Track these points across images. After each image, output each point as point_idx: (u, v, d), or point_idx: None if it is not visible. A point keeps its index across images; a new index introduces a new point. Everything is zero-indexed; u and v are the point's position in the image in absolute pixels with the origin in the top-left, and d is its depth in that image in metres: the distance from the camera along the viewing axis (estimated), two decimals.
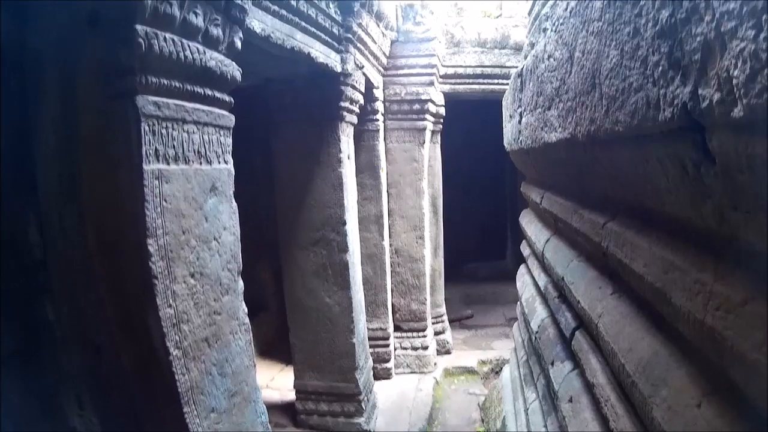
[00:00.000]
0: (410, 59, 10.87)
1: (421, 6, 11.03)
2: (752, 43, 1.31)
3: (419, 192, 11.33)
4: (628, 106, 2.27)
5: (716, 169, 1.72)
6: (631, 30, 2.19)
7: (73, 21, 3.33)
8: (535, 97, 4.52)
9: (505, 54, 11.99)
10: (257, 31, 4.89)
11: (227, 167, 4.18)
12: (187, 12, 3.56)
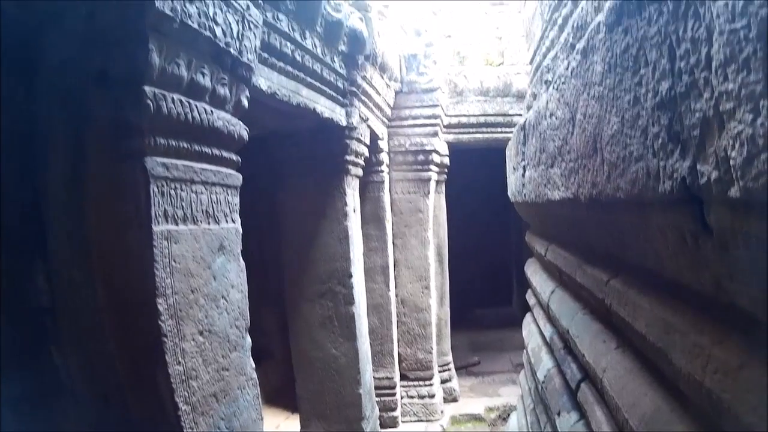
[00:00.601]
0: (414, 110, 10.97)
1: (424, 56, 11.14)
2: (750, 127, 1.35)
3: (424, 242, 11.38)
4: (629, 174, 2.31)
5: (714, 241, 1.77)
6: (631, 98, 2.23)
7: (81, 79, 3.39)
8: (538, 153, 4.56)
9: (507, 102, 12.09)
10: (263, 88, 4.96)
11: (235, 226, 4.23)
12: (195, 72, 3.63)
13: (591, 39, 2.82)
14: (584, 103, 3.01)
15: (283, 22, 5.22)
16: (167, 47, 3.38)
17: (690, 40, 1.64)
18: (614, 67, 2.43)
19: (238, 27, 4.02)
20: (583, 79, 3.00)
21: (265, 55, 4.99)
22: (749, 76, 1.33)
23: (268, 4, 4.80)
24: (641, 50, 2.07)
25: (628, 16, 2.22)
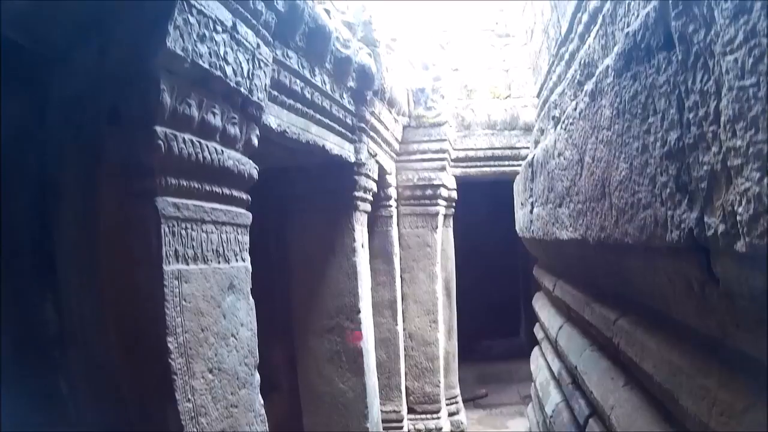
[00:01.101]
0: (422, 144, 11.01)
1: (432, 90, 11.19)
2: (757, 185, 1.37)
3: (432, 277, 11.36)
4: (637, 221, 2.33)
5: (720, 290, 1.79)
6: (639, 146, 2.25)
7: (93, 116, 3.44)
8: (546, 192, 4.57)
9: (515, 135, 12.13)
10: (273, 126, 4.99)
11: (245, 265, 4.25)
12: (206, 112, 3.66)
13: (599, 82, 2.85)
14: (593, 147, 3.03)
15: (292, 59, 5.26)
16: (178, 87, 3.41)
17: (699, 92, 1.66)
18: (623, 112, 2.46)
19: (249, 66, 4.05)
20: (592, 122, 3.02)
21: (275, 93, 5.02)
22: (757, 135, 1.35)
23: (278, 41, 4.84)
24: (650, 98, 2.09)
25: (636, 63, 2.24)
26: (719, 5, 1.49)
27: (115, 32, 3.37)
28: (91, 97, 3.45)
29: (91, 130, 3.46)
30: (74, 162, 3.54)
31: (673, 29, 1.81)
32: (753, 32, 1.33)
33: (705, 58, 1.61)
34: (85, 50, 3.46)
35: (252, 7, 4.07)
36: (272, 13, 4.41)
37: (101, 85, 3.41)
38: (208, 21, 3.55)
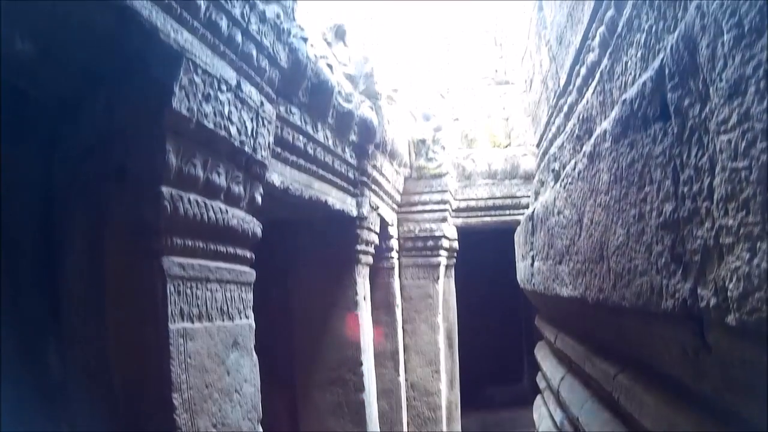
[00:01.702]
0: (423, 195, 11.09)
1: (432, 141, 11.27)
2: (747, 266, 1.42)
3: (434, 327, 11.38)
4: (633, 287, 2.37)
5: (713, 358, 1.83)
6: (636, 214, 2.30)
7: (100, 173, 3.51)
8: (547, 248, 4.61)
9: (515, 184, 12.19)
10: (276, 184, 5.05)
11: (248, 322, 4.29)
12: (210, 172, 3.72)
13: (597, 145, 2.90)
14: (591, 209, 3.07)
15: (295, 115, 5.33)
16: (184, 147, 3.47)
17: (693, 167, 1.71)
18: (620, 179, 2.50)
19: (253, 124, 4.12)
20: (590, 184, 3.07)
21: (278, 150, 5.08)
22: (748, 217, 1.40)
23: (281, 97, 4.90)
24: (646, 167, 2.14)
25: (633, 131, 2.30)
26: (714, 83, 1.53)
27: (123, 88, 3.44)
28: (98, 152, 3.53)
29: (97, 186, 3.54)
30: (81, 216, 3.61)
31: (669, 101, 1.86)
32: (746, 115, 1.37)
33: (700, 133, 1.65)
34: (93, 104, 3.54)
35: (256, 65, 4.14)
36: (276, 69, 4.48)
37: (108, 142, 3.50)
38: (212, 80, 3.62)
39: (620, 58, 3.31)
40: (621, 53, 3.29)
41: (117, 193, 3.45)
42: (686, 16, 1.77)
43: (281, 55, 4.53)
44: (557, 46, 5.55)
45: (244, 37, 3.98)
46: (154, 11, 3.15)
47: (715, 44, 1.52)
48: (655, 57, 2.48)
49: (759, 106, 1.31)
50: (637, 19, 2.95)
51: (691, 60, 1.67)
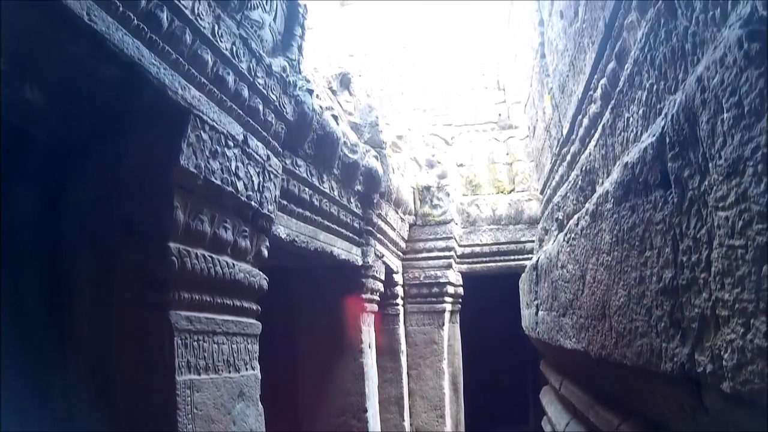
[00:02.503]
0: (428, 242, 11.13)
1: (437, 188, 11.32)
2: (740, 339, 1.45)
3: (439, 373, 11.35)
4: (634, 347, 2.41)
5: (709, 418, 1.86)
6: (637, 276, 2.34)
7: (107, 223, 3.54)
8: (551, 299, 4.64)
9: (519, 229, 12.23)
10: (282, 236, 5.08)
11: (254, 373, 4.31)
12: (217, 227, 3.76)
13: (599, 205, 2.94)
14: (593, 267, 3.11)
15: (301, 167, 5.37)
16: (191, 203, 3.52)
17: (692, 238, 1.75)
18: (621, 241, 2.54)
19: (259, 179, 4.16)
20: (593, 242, 3.11)
21: (284, 202, 5.13)
22: (743, 294, 1.44)
23: (287, 150, 4.95)
24: (647, 233, 2.18)
25: (634, 195, 2.34)
26: (714, 159, 1.57)
27: (131, 140, 3.49)
28: (106, 202, 3.56)
29: (105, 236, 3.56)
30: (88, 264, 3.63)
31: (670, 170, 1.90)
32: (744, 196, 1.40)
33: (699, 206, 1.69)
34: (102, 153, 3.57)
35: (262, 119, 4.19)
36: (282, 123, 4.53)
37: (116, 193, 3.53)
38: (220, 136, 3.68)
39: (622, 114, 3.35)
40: (623, 108, 3.33)
41: (125, 245, 3.49)
42: (686, 86, 1.81)
43: (287, 109, 4.58)
44: (560, 95, 5.60)
45: (251, 92, 4.04)
46: (162, 68, 3.21)
47: (715, 120, 1.55)
48: (657, 116, 2.53)
49: (756, 188, 1.34)
50: (638, 76, 2.99)
51: (692, 132, 1.71)
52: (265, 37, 4.36)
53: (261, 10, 4.34)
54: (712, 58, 1.58)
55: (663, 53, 2.55)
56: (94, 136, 3.55)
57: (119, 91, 3.24)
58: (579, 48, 4.59)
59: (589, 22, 4.14)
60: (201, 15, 3.51)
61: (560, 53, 5.43)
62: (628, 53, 3.27)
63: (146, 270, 3.43)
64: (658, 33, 2.60)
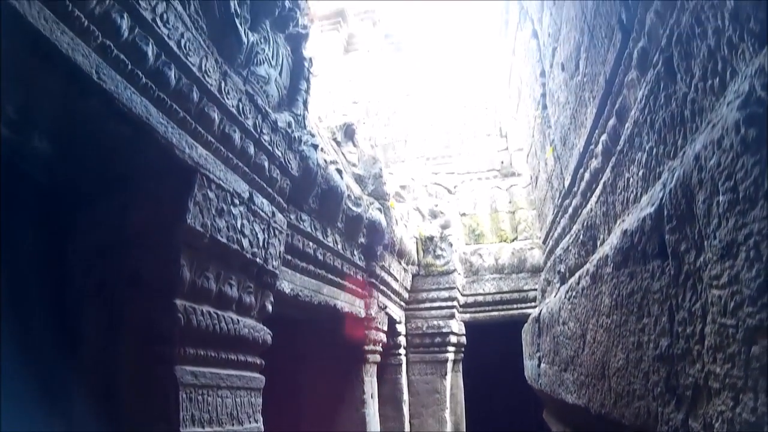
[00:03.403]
0: (431, 293, 11.15)
1: (440, 238, 11.36)
2: (730, 412, 1.50)
3: (441, 422, 11.29)
4: (632, 408, 2.45)
5: None
6: (635, 341, 2.38)
7: (114, 275, 3.60)
8: (552, 354, 4.66)
9: (522, 278, 12.24)
10: (287, 291, 5.12)
11: (257, 425, 4.33)
12: (223, 284, 3.81)
13: (599, 267, 2.99)
14: (594, 328, 3.15)
15: (305, 222, 5.43)
16: (197, 261, 3.57)
17: (687, 311, 1.80)
18: (620, 306, 2.59)
19: (264, 236, 4.21)
20: (593, 303, 3.15)
21: (288, 257, 5.17)
22: (733, 370, 1.48)
23: (291, 205, 5.01)
24: (645, 300, 2.23)
25: (633, 262, 2.39)
26: (709, 239, 1.62)
27: (139, 195, 3.55)
28: (114, 254, 3.63)
29: (112, 287, 3.62)
30: (95, 315, 3.67)
31: (667, 242, 1.95)
32: (736, 279, 1.45)
33: (695, 280, 1.73)
34: (109, 204, 3.63)
35: (268, 176, 4.25)
36: (287, 178, 4.59)
37: (123, 245, 3.59)
38: (226, 195, 3.73)
39: (622, 173, 3.40)
40: (623, 168, 3.38)
41: (131, 297, 3.54)
42: (685, 161, 1.86)
43: (293, 164, 4.64)
44: (561, 147, 5.65)
45: (257, 149, 4.10)
46: (170, 127, 3.27)
47: (711, 201, 1.60)
48: (656, 180, 2.59)
49: (748, 273, 1.39)
50: (638, 137, 3.04)
51: (689, 209, 1.76)
52: (270, 93, 4.43)
53: (267, 65, 4.41)
54: (710, 137, 1.63)
55: (662, 117, 2.60)
56: (101, 185, 3.61)
57: (127, 147, 3.28)
58: (580, 101, 4.63)
59: (590, 76, 4.18)
60: (208, 72, 3.58)
61: (561, 105, 5.48)
62: (629, 111, 3.31)
63: (152, 324, 3.47)
64: (658, 96, 2.65)
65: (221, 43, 3.81)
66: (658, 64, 2.61)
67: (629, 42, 3.16)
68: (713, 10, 1.91)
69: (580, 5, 4.11)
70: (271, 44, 4.59)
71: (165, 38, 3.19)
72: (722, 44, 1.86)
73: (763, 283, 1.35)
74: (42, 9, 2.47)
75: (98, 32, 2.76)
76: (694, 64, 2.15)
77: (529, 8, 6.69)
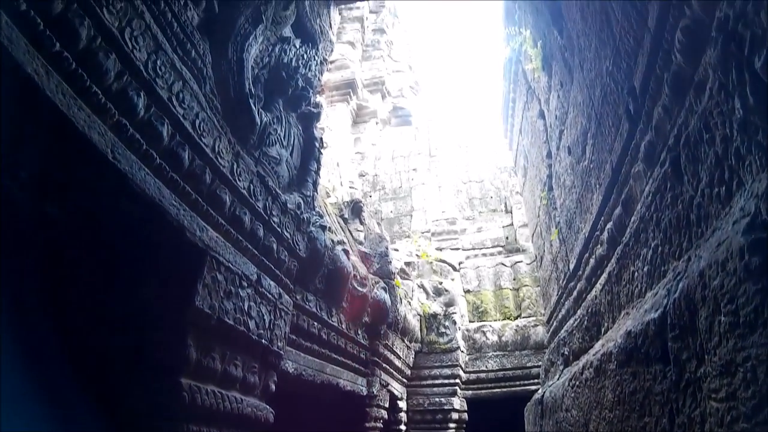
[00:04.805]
0: (434, 370, 11.10)
1: (443, 316, 11.36)
2: None
3: None
4: None
5: None
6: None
7: (121, 350, 3.57)
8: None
9: (525, 355, 12.19)
10: (290, 371, 5.12)
11: None
12: (228, 364, 3.81)
13: (603, 363, 3.02)
14: (596, 420, 3.18)
15: (311, 302, 5.44)
16: (204, 341, 3.58)
17: (687, 416, 1.83)
18: (623, 402, 2.62)
19: (270, 317, 4.23)
20: (596, 396, 3.17)
21: (293, 337, 5.18)
22: None
23: (298, 286, 5.02)
24: (647, 400, 2.26)
25: (636, 363, 2.43)
26: (710, 353, 1.66)
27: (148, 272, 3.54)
28: (120, 325, 3.60)
29: (118, 358, 3.59)
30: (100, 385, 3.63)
31: (670, 349, 1.98)
32: (734, 396, 1.49)
33: (695, 389, 1.77)
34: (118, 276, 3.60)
35: (276, 257, 4.28)
36: (294, 260, 4.62)
37: (129, 318, 3.58)
38: (234, 277, 3.75)
39: (627, 266, 3.43)
40: (628, 261, 3.41)
41: (137, 371, 3.53)
42: (689, 274, 1.89)
43: (300, 246, 4.67)
44: (567, 230, 5.69)
45: (266, 231, 4.13)
46: (182, 209, 3.31)
47: (713, 319, 1.64)
48: (662, 278, 2.62)
49: (744, 393, 1.43)
50: (643, 233, 3.08)
51: (691, 321, 1.80)
52: (281, 173, 4.48)
53: (279, 146, 4.47)
54: (715, 257, 1.67)
55: (668, 218, 2.64)
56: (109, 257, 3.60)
57: (139, 225, 3.31)
58: (586, 186, 4.67)
59: (597, 162, 4.22)
60: (221, 153, 3.63)
61: (568, 189, 5.53)
62: (635, 203, 3.35)
63: (158, 402, 3.45)
64: (665, 195, 2.69)
65: (235, 123, 3.87)
66: (666, 163, 2.65)
67: (636, 133, 3.20)
68: (721, 117, 1.95)
69: (588, 92, 4.16)
70: (284, 124, 4.65)
71: (180, 118, 3.26)
72: (730, 153, 1.91)
73: (758, 403, 1.39)
74: (60, 83, 2.53)
75: (115, 110, 2.82)
76: (701, 168, 2.20)
77: (536, 89, 6.77)
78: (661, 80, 2.68)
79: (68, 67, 2.57)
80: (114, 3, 2.80)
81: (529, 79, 7.10)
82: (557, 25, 4.95)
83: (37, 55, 2.43)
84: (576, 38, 4.32)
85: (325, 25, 5.90)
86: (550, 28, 5.18)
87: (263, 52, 4.43)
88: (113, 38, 2.79)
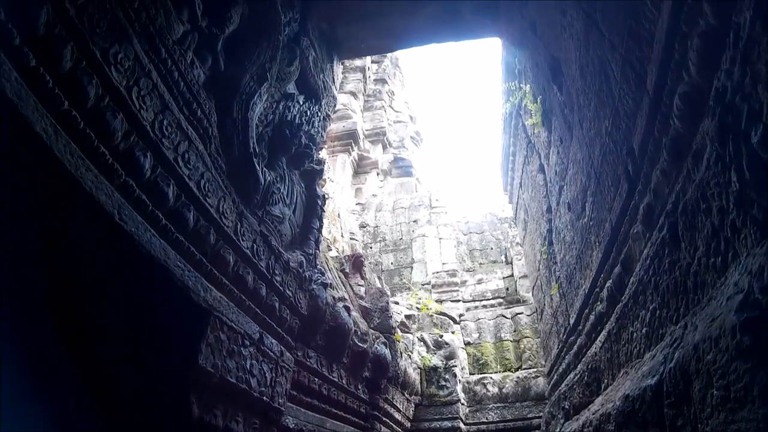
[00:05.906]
0: (434, 423, 11.01)
1: (444, 369, 11.35)
2: None
3: None
4: None
5: None
6: None
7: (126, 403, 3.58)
8: None
9: (526, 406, 12.12)
10: (291, 426, 5.10)
11: None
12: (229, 420, 3.82)
13: (602, 423, 3.09)
14: None
15: (312, 358, 5.45)
16: (206, 398, 3.58)
17: None
18: None
19: (272, 374, 4.24)
20: None
21: (294, 393, 5.17)
22: None
23: (299, 342, 5.04)
24: None
25: (635, 426, 2.48)
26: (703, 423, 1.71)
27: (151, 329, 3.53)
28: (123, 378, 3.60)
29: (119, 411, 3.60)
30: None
31: (666, 415, 2.05)
32: None
33: None
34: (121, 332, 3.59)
35: (278, 316, 4.31)
36: (296, 318, 4.64)
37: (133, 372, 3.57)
38: (237, 336, 3.77)
39: (626, 326, 3.47)
40: (627, 321, 3.46)
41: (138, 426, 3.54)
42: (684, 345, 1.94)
43: (302, 303, 4.70)
44: (567, 285, 5.72)
45: (269, 290, 4.16)
46: (186, 270, 3.33)
47: (706, 392, 1.69)
48: (659, 340, 2.67)
49: None
50: (642, 295, 3.12)
51: (686, 390, 1.84)
52: (284, 232, 4.52)
53: (282, 204, 4.51)
54: (709, 332, 1.71)
55: (666, 282, 2.68)
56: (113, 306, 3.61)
57: (143, 283, 3.32)
58: (586, 243, 4.71)
59: (596, 220, 4.26)
60: (225, 213, 3.67)
61: (567, 245, 5.56)
62: (634, 263, 3.39)
63: None
64: (663, 261, 2.73)
65: (239, 182, 3.92)
66: (664, 228, 2.69)
67: (635, 194, 3.24)
68: (718, 188, 1.99)
69: (588, 150, 4.20)
70: (287, 182, 4.70)
71: (185, 179, 3.31)
72: (726, 225, 1.95)
73: None
74: (68, 143, 2.57)
75: (122, 170, 2.85)
76: (698, 237, 2.24)
77: (536, 143, 6.82)
78: (659, 143, 2.72)
79: (76, 126, 2.61)
80: (122, 61, 2.86)
81: (530, 133, 7.16)
82: (557, 81, 5.00)
83: (46, 113, 2.47)
84: (575, 95, 4.37)
85: (329, 80, 5.97)
86: (550, 83, 5.23)
87: (267, 110, 4.49)
88: (121, 97, 2.85)
